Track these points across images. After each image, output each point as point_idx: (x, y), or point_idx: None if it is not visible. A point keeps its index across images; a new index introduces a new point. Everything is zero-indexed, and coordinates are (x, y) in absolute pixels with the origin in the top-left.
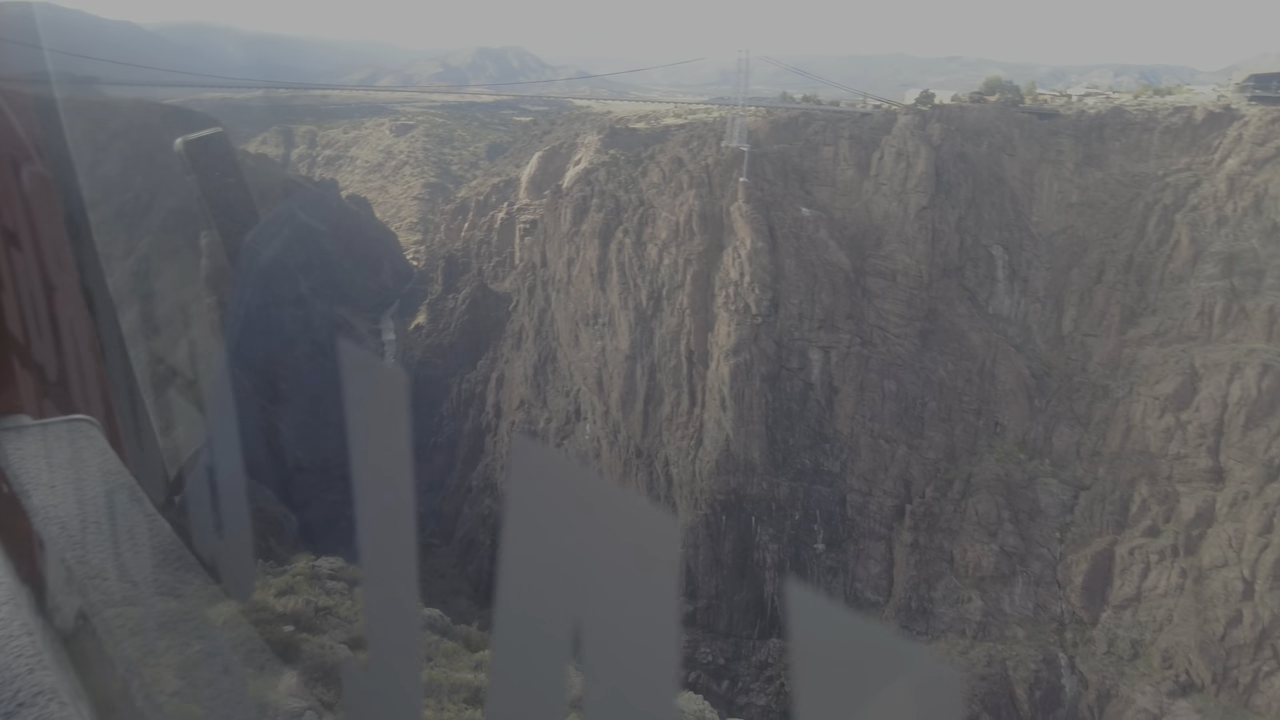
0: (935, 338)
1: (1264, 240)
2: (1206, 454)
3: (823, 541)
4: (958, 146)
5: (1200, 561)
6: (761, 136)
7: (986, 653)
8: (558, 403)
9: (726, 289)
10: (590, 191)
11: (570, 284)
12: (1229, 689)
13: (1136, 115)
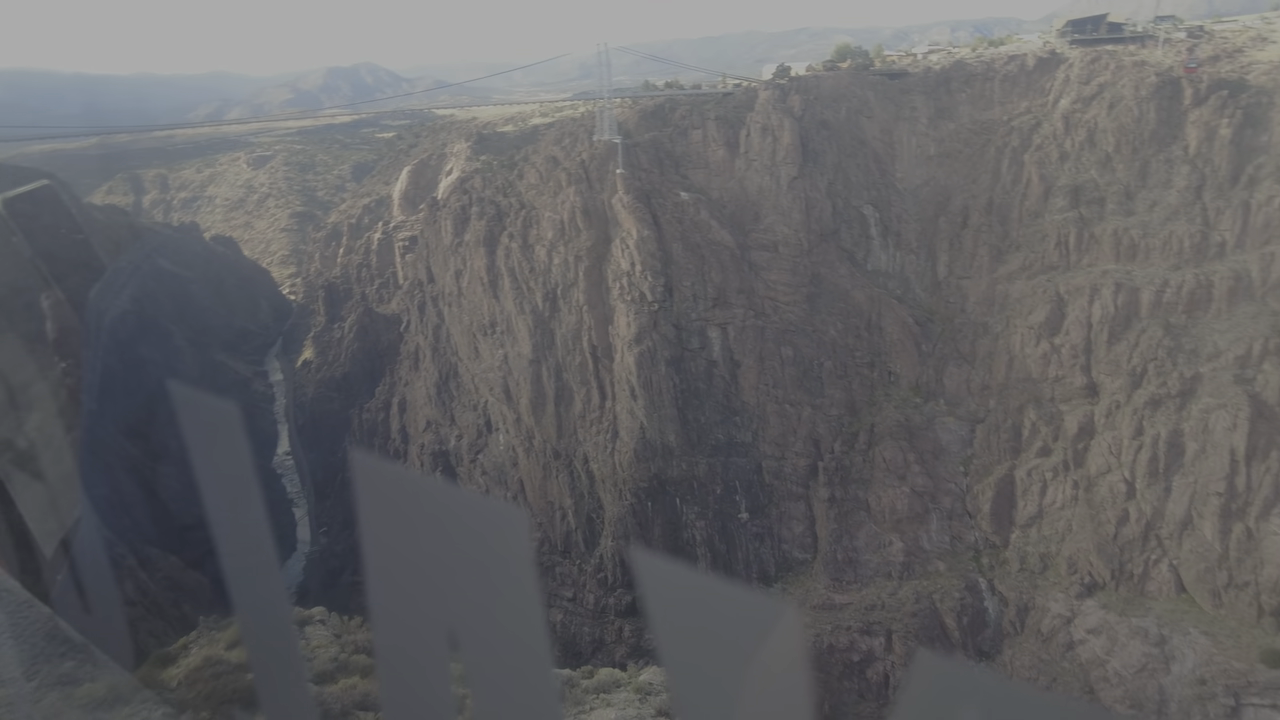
0: (822, 300)
1: (1100, 170)
2: (1080, 372)
3: (746, 510)
4: (818, 115)
5: (1088, 472)
6: (631, 127)
7: (914, 590)
8: (466, 418)
9: (620, 280)
10: (468, 200)
11: (461, 296)
12: (1126, 582)
13: (977, 67)
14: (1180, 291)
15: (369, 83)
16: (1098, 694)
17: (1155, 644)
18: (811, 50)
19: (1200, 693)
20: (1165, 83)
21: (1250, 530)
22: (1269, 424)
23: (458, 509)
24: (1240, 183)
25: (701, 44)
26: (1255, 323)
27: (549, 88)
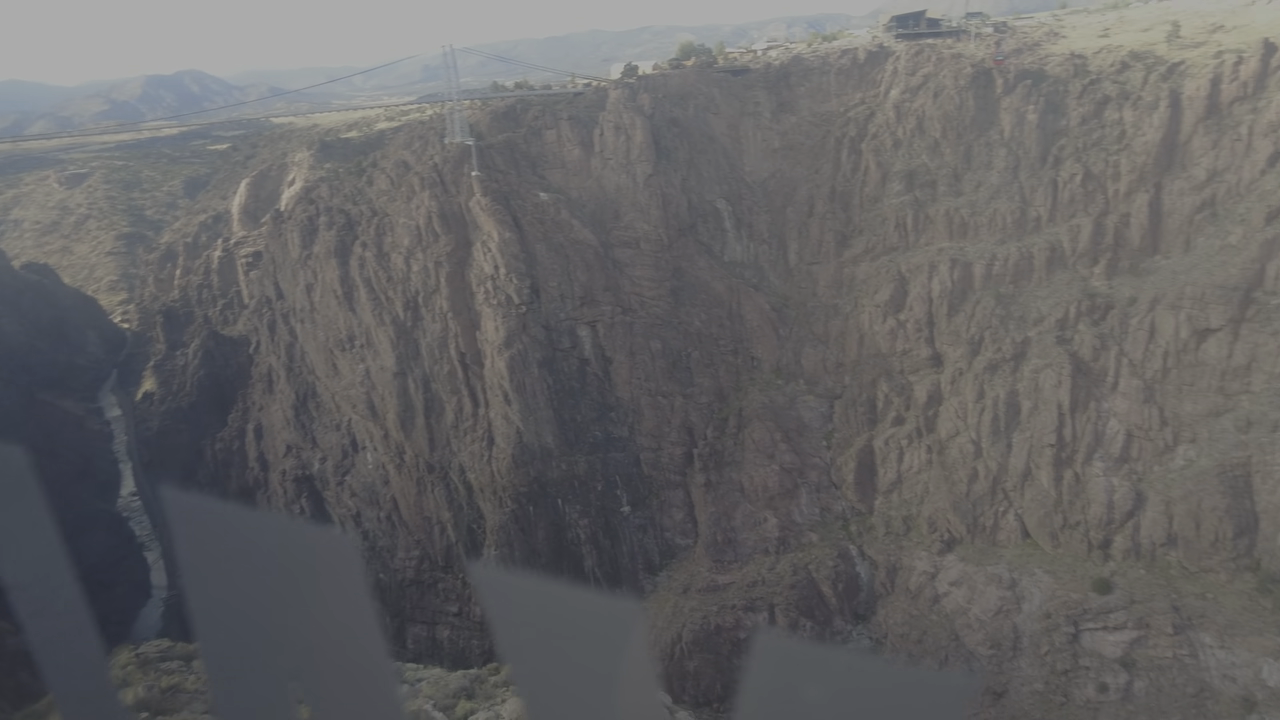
0: (685, 293)
1: (930, 155)
2: (925, 344)
3: (628, 504)
4: (668, 113)
5: (939, 436)
6: (483, 128)
7: (791, 563)
8: (329, 438)
9: (484, 284)
10: (315, 210)
11: (314, 311)
12: (980, 534)
13: (813, 62)
14: (1007, 264)
15: (195, 91)
16: (962, 640)
17: (1008, 587)
18: (655, 48)
19: (1046, 625)
20: (980, 73)
21: (1078, 475)
22: (1086, 378)
23: (283, 541)
24: (1048, 163)
25: (547, 44)
26: (1069, 288)
27: (392, 91)
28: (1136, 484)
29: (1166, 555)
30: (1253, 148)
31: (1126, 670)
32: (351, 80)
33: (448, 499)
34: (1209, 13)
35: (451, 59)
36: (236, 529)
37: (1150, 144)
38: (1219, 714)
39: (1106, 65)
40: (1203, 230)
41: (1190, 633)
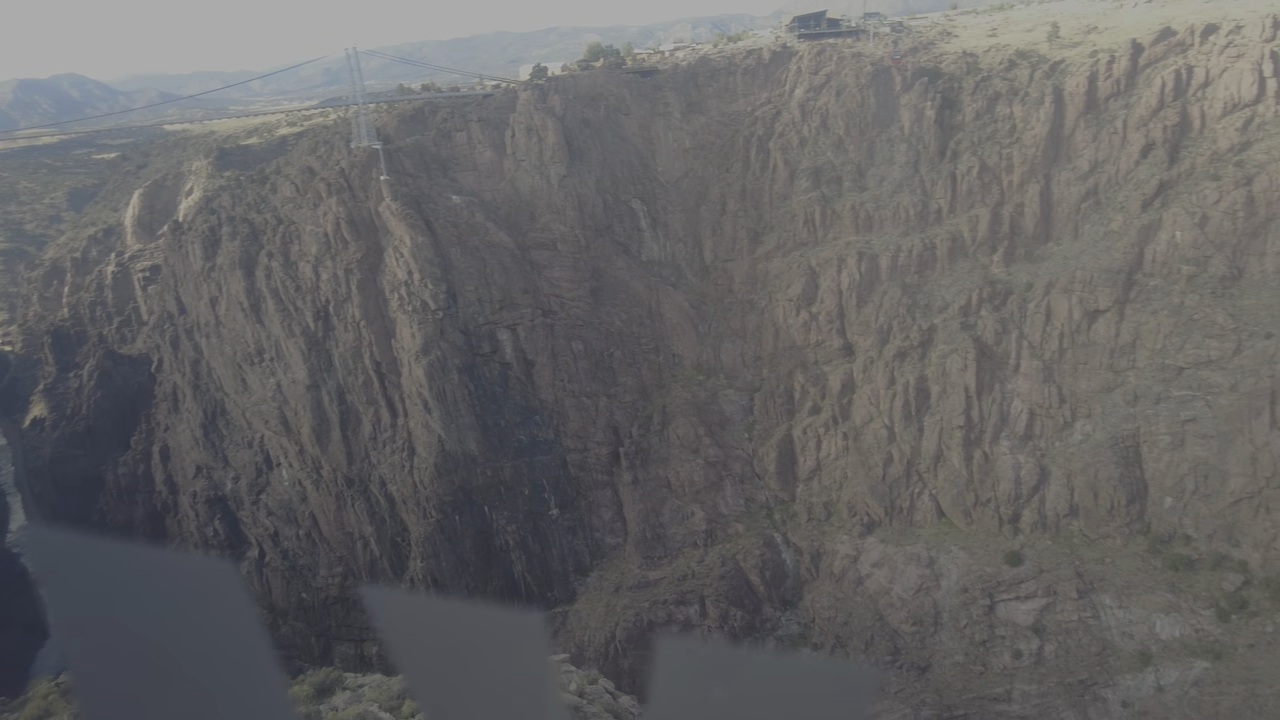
0: (605, 294)
1: (835, 152)
2: (837, 335)
3: (556, 506)
4: (579, 114)
5: (854, 423)
6: (391, 132)
7: (719, 554)
8: (242, 457)
9: (398, 291)
10: (217, 220)
11: (220, 325)
12: (897, 516)
13: (720, 62)
14: (911, 255)
15: (75, 97)
16: (886, 619)
17: (926, 565)
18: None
19: (964, 599)
20: (879, 71)
21: (987, 454)
22: (990, 361)
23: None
24: (946, 156)
25: (452, 45)
26: (971, 276)
27: (293, 96)
28: (1040, 460)
29: (1069, 525)
30: (1127, 140)
31: (1038, 636)
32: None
33: (369, 513)
34: (1084, 15)
35: (355, 61)
36: (112, 566)
37: (1038, 137)
38: (1120, 668)
39: (996, 63)
40: (1089, 218)
41: (1093, 596)
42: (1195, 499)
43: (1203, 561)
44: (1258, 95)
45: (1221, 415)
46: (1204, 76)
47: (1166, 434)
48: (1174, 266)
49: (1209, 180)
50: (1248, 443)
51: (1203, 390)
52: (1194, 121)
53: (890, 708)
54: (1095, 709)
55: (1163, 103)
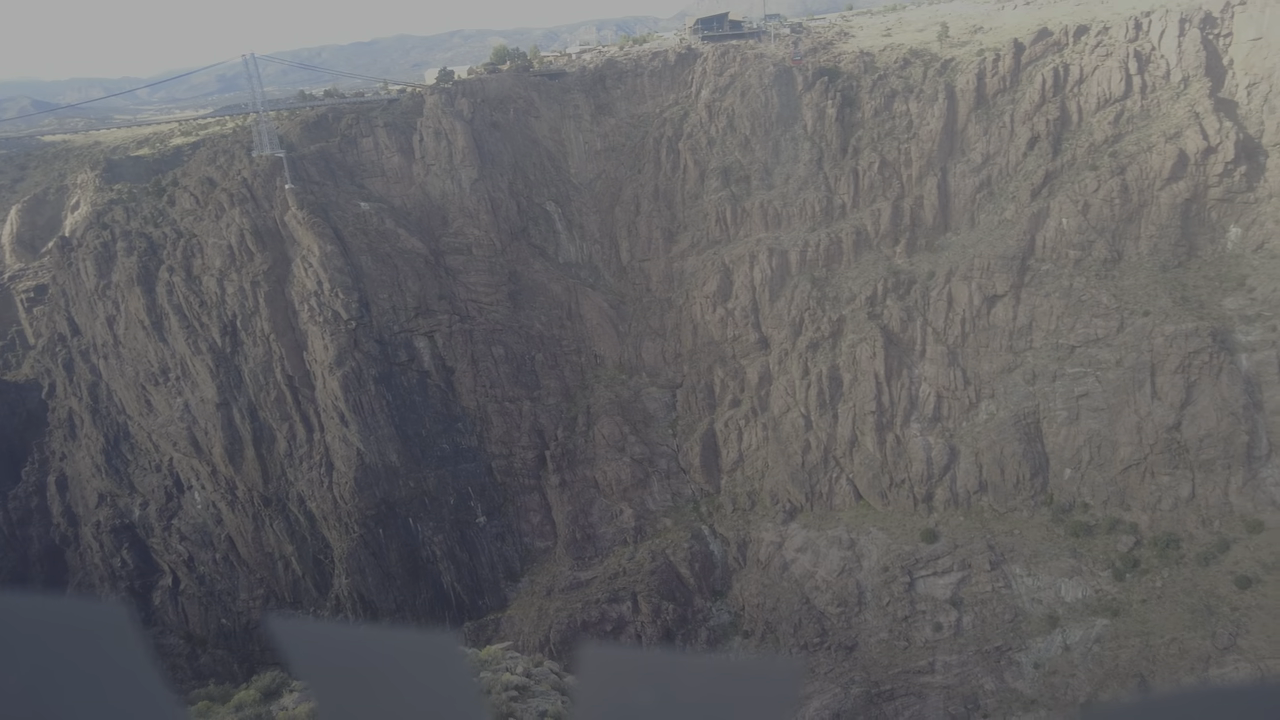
0: (523, 297)
1: (742, 151)
2: (752, 329)
3: (483, 514)
4: (488, 117)
5: (773, 414)
6: (295, 139)
7: (649, 549)
8: (149, 482)
9: (308, 302)
10: (111, 236)
11: (120, 345)
12: (818, 501)
13: (627, 64)
14: (819, 249)
15: None
16: (812, 602)
17: (848, 548)
18: (467, 53)
19: (885, 578)
20: (781, 71)
21: (898, 437)
22: (897, 348)
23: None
24: (848, 153)
25: (353, 50)
26: (876, 268)
27: (184, 104)
28: (949, 440)
29: (979, 501)
30: (1015, 133)
31: (956, 608)
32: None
33: (289, 531)
34: (970, 15)
35: (254, 68)
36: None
37: (934, 132)
38: (1031, 632)
39: (891, 62)
40: (983, 207)
41: (1004, 566)
42: (1091, 468)
43: (1099, 526)
44: (1125, 91)
45: (1110, 389)
46: (1079, 74)
47: (1063, 409)
48: (1062, 251)
49: (1088, 170)
50: (1133, 413)
51: (1093, 367)
52: (1073, 115)
53: (821, 688)
54: (1010, 673)
55: (1044, 98)
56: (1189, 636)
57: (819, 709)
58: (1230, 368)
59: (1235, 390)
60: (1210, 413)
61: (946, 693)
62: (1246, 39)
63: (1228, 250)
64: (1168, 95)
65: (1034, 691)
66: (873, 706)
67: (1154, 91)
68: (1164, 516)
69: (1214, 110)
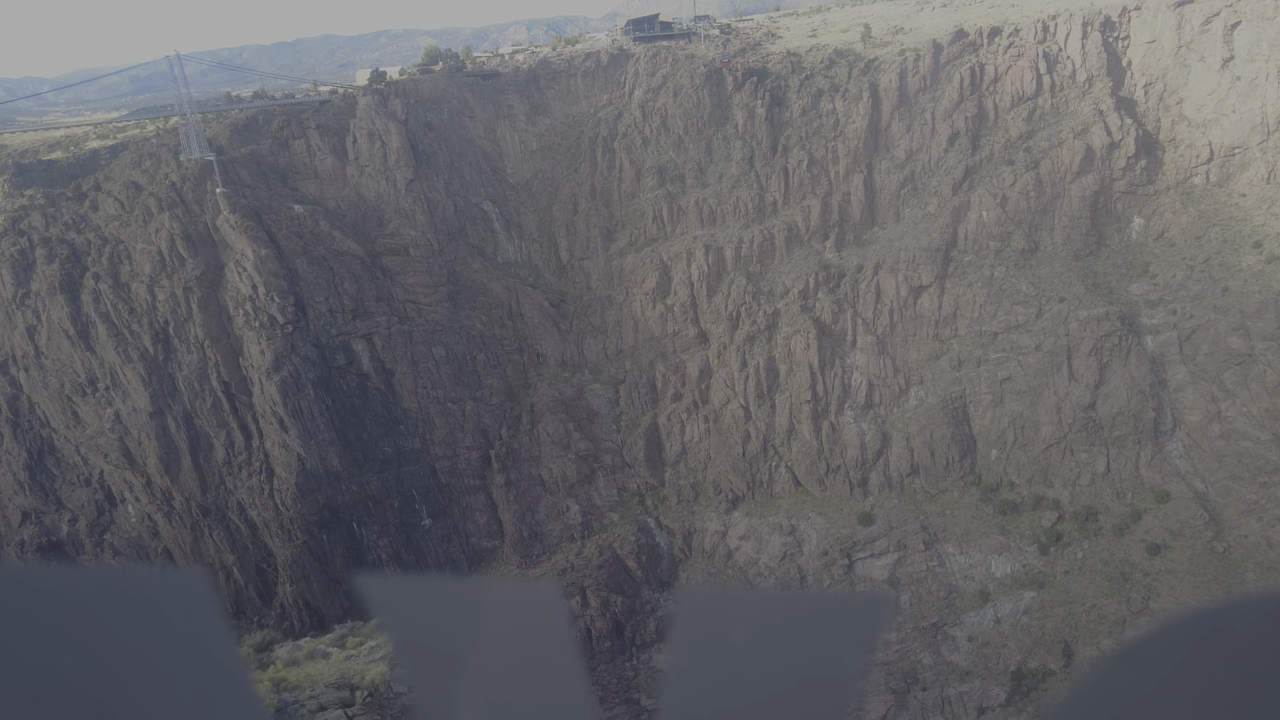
0: (462, 297)
1: (676, 151)
2: (691, 324)
3: (428, 516)
4: (422, 118)
5: (713, 406)
6: (224, 142)
7: (596, 544)
8: (78, 496)
9: (243, 306)
10: (28, 243)
11: (42, 356)
12: (759, 490)
13: (560, 65)
14: (753, 245)
15: None
16: (755, 588)
17: (788, 534)
18: (394, 53)
19: (825, 561)
20: (712, 72)
21: (834, 424)
22: (829, 339)
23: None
24: (778, 152)
25: (276, 50)
26: (807, 262)
27: (95, 106)
28: (881, 426)
29: (912, 483)
30: (936, 130)
31: (893, 588)
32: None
33: (230, 541)
34: (891, 16)
35: (179, 68)
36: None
37: (859, 130)
38: (964, 608)
39: (817, 62)
40: (908, 202)
41: (938, 546)
42: (1015, 448)
43: (1024, 504)
44: (1037, 89)
45: (1031, 372)
46: (994, 73)
47: (988, 393)
48: (983, 243)
49: (1005, 165)
50: (1053, 395)
51: (1014, 352)
52: (989, 113)
53: None
54: (946, 647)
55: (962, 96)
56: (1107, 603)
57: None
58: (1138, 349)
59: (1142, 370)
60: (1121, 392)
61: (887, 669)
62: (1142, 41)
63: (1132, 239)
64: (1075, 94)
65: (969, 663)
66: None
67: (1062, 90)
68: (1083, 491)
69: (1115, 108)
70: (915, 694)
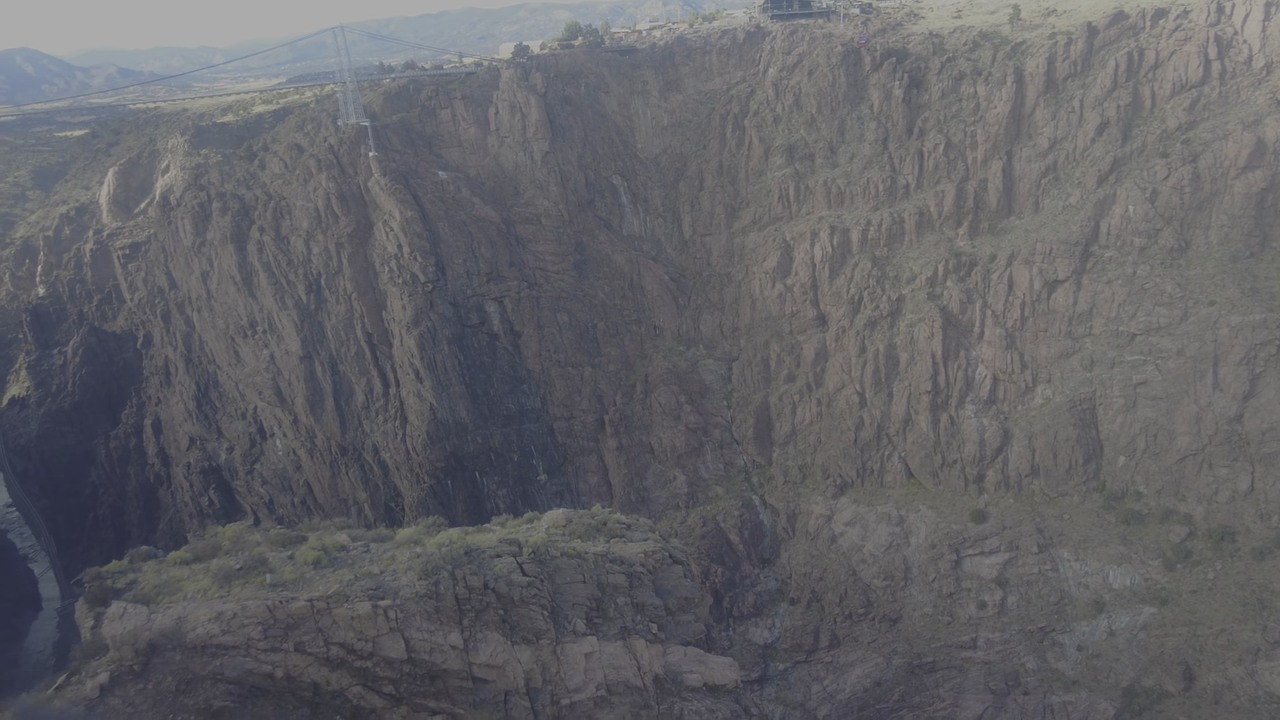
0: (588, 267)
1: (808, 130)
2: (810, 306)
3: (544, 472)
4: (560, 91)
5: (827, 390)
6: (377, 109)
7: (700, 515)
8: (235, 428)
9: (388, 264)
10: (207, 197)
11: (212, 299)
12: (869, 478)
13: (696, 42)
14: (881, 228)
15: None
16: (859, 574)
17: (896, 524)
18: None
19: (932, 555)
20: (849, 52)
21: (953, 418)
22: (955, 330)
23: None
24: (914, 134)
25: (421, 21)
26: (937, 249)
27: (258, 73)
28: (1003, 423)
29: (1030, 484)
30: (1084, 119)
31: (1001, 588)
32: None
33: (363, 479)
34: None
35: (342, 39)
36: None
37: (1001, 115)
38: (1076, 616)
39: (960, 44)
40: (1048, 192)
41: (1052, 550)
42: (1146, 457)
43: (1152, 515)
44: (1203, 77)
45: (1170, 378)
46: (1154, 59)
47: (1120, 397)
48: (1127, 239)
49: (1159, 157)
50: (1193, 403)
51: (1153, 355)
52: (1145, 101)
53: (864, 657)
54: (1053, 653)
55: (1116, 83)
56: (1239, 629)
57: (860, 676)
58: None
59: None
60: (1275, 405)
61: (988, 668)
62: None
63: None
64: (1248, 82)
65: (1076, 673)
66: (913, 677)
67: (1233, 78)
68: (1220, 509)
69: None
70: (1015, 697)
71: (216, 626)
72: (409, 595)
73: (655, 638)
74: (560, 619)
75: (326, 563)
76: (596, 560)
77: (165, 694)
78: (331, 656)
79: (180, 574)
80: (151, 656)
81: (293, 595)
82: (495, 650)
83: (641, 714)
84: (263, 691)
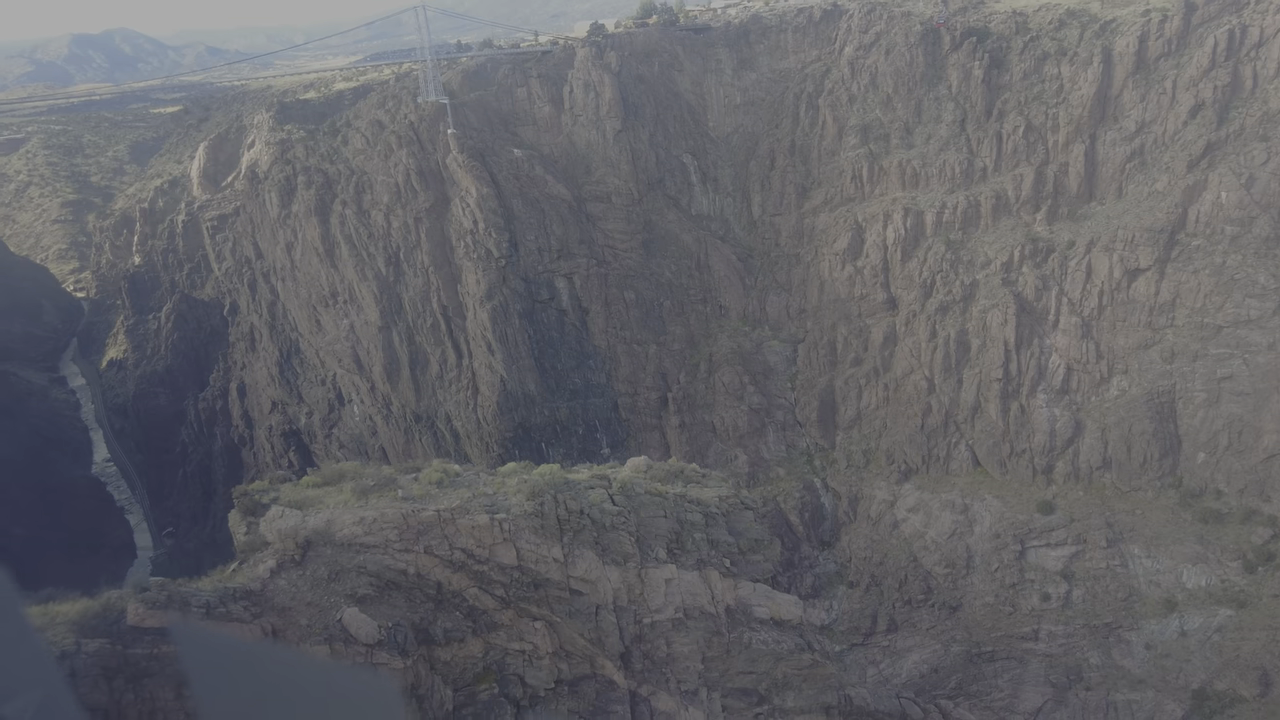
0: (655, 245)
1: (883, 110)
2: (880, 289)
3: (608, 446)
4: (634, 70)
5: (894, 375)
6: (455, 87)
7: (760, 495)
8: (315, 393)
9: (464, 239)
10: (292, 170)
11: (295, 269)
12: (934, 464)
13: (771, 20)
14: (955, 212)
15: (127, 52)
16: (920, 561)
17: (960, 512)
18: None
19: (996, 545)
20: (928, 30)
21: (1023, 407)
22: (1030, 317)
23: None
24: (993, 116)
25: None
26: (1013, 234)
27: (336, 51)
28: (1075, 413)
29: (1102, 477)
30: (1176, 101)
31: (1066, 581)
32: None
33: (435, 446)
34: None
35: (423, 17)
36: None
37: (1085, 97)
38: (1145, 614)
39: (1045, 23)
40: (1133, 178)
41: (1121, 545)
42: (1228, 454)
43: (1232, 515)
44: None
45: (1258, 373)
46: (1258, 36)
47: (1202, 391)
48: (1217, 227)
49: (1258, 141)
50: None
51: (1240, 349)
52: (1245, 82)
53: (922, 643)
54: (1119, 650)
55: (1214, 63)
56: None
57: (918, 662)
58: None
59: None
60: None
61: (1049, 661)
62: None
63: None
64: None
65: (1143, 672)
66: (972, 665)
67: None
68: None
69: None
70: (1077, 692)
71: (360, 529)
72: (519, 512)
73: (728, 571)
74: (644, 547)
75: (448, 483)
76: (676, 499)
77: (320, 580)
78: (454, 560)
79: (314, 494)
80: (308, 549)
81: (422, 506)
82: (589, 567)
83: (714, 639)
84: (396, 585)
